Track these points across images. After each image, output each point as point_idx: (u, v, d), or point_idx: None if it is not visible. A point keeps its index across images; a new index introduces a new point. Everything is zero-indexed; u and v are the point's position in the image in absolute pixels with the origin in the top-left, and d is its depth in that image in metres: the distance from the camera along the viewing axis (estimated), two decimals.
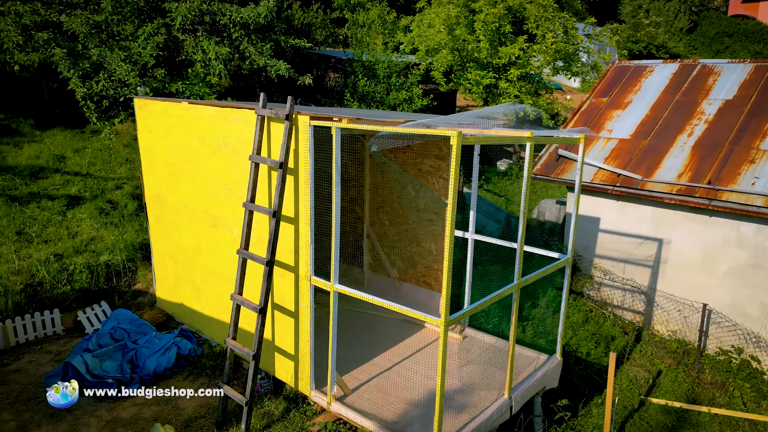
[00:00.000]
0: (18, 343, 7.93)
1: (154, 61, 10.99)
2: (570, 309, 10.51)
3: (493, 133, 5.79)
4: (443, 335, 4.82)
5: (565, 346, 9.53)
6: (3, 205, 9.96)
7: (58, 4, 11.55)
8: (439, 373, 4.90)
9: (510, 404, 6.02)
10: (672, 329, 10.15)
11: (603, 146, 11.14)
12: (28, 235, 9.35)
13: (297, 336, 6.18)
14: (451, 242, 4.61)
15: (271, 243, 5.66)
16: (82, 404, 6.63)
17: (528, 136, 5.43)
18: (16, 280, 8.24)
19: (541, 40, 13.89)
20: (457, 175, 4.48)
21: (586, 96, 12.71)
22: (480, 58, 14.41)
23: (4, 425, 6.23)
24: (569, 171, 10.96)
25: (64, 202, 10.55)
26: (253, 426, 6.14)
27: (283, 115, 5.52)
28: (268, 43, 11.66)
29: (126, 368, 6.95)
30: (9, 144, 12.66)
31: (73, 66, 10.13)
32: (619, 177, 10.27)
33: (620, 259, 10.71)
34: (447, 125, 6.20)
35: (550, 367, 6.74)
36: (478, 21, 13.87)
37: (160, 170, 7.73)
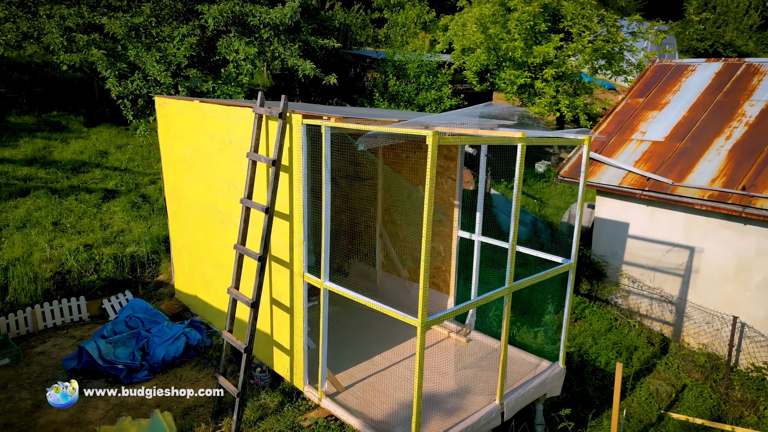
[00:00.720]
0: (46, 327, 8.41)
1: (188, 62, 11.39)
2: (593, 317, 10.17)
3: (486, 133, 5.68)
4: (420, 336, 4.78)
5: (583, 354, 9.23)
6: (44, 197, 10.58)
7: (102, 7, 12.17)
8: (416, 374, 4.86)
9: (501, 410, 5.89)
10: (702, 342, 9.64)
11: (635, 149, 10.70)
12: (63, 226, 9.89)
13: (292, 331, 6.27)
14: (428, 242, 4.55)
15: (263, 239, 5.77)
16: (93, 387, 6.96)
17: (520, 137, 5.29)
18: (47, 268, 8.75)
19: (577, 38, 13.46)
20: (434, 175, 4.42)
21: (622, 96, 12.24)
22: (515, 57, 14.12)
23: (21, 403, 6.63)
24: (597, 173, 10.60)
25: (101, 196, 11.10)
26: (247, 418, 6.27)
27: (276, 114, 5.61)
28: (297, 43, 11.86)
29: (137, 355, 7.25)
30: (57, 140, 13.43)
31: (110, 66, 10.64)
32: (649, 181, 9.84)
33: (649, 266, 10.26)
34: (448, 124, 6.13)
35: (550, 374, 6.54)
36: (512, 19, 13.60)
37: (176, 166, 8.01)
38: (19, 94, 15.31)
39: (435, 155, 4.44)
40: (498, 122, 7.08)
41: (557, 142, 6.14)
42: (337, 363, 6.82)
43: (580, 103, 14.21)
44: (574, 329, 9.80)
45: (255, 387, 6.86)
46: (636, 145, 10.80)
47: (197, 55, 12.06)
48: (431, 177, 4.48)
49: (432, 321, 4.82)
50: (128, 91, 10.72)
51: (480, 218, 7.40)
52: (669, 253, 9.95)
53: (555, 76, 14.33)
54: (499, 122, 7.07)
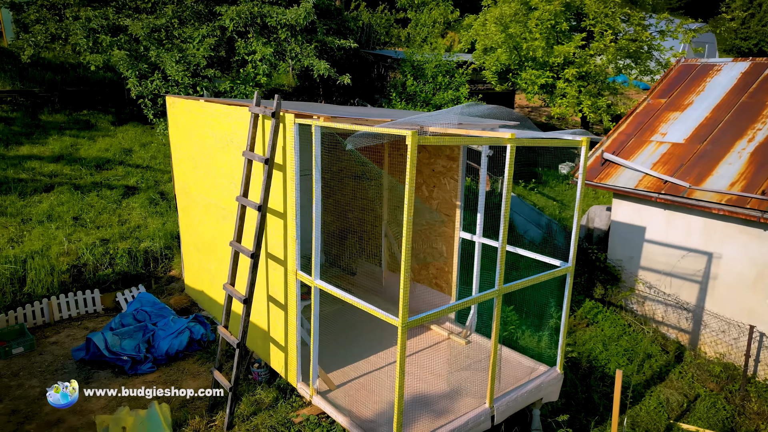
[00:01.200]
0: (62, 318, 8.72)
1: (206, 62, 11.63)
2: (605, 322, 9.94)
3: (475, 133, 5.62)
4: (401, 336, 4.77)
5: (593, 360, 9.04)
6: (67, 193, 10.97)
7: (128, 9, 12.53)
8: (397, 375, 4.86)
9: (491, 414, 5.82)
10: (720, 351, 9.31)
11: (654, 150, 10.42)
12: (83, 221, 10.24)
13: (286, 328, 6.33)
14: (408, 243, 4.53)
15: (256, 236, 5.85)
16: (99, 378, 7.19)
17: (509, 138, 5.22)
18: (64, 261, 9.07)
19: (599, 37, 13.15)
20: (413, 174, 4.40)
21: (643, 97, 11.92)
22: (536, 57, 13.91)
23: (30, 390, 6.89)
24: (614, 176, 10.36)
25: (121, 192, 11.44)
26: (241, 412, 6.37)
27: (270, 113, 5.68)
28: (313, 43, 11.97)
29: (142, 348, 7.44)
30: (85, 137, 13.90)
31: (131, 66, 10.96)
32: (666, 184, 9.57)
33: (666, 272, 9.97)
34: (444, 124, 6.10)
35: (546, 379, 6.43)
36: (532, 18, 13.40)
37: (185, 164, 8.20)
38: (52, 94, 15.91)
39: (414, 155, 4.42)
40: (500, 122, 7.01)
41: (552, 143, 6.02)
42: (333, 361, 6.85)
43: (603, 103, 13.88)
44: (584, 334, 9.61)
45: (252, 382, 6.97)
46: (655, 146, 10.51)
47: (216, 55, 12.29)
48: (411, 176, 4.47)
49: (413, 321, 4.81)
50: (148, 91, 11.02)
51: (480, 219, 7.32)
52: (686, 258, 9.65)
53: (578, 76, 14.05)
54: (501, 123, 6.99)
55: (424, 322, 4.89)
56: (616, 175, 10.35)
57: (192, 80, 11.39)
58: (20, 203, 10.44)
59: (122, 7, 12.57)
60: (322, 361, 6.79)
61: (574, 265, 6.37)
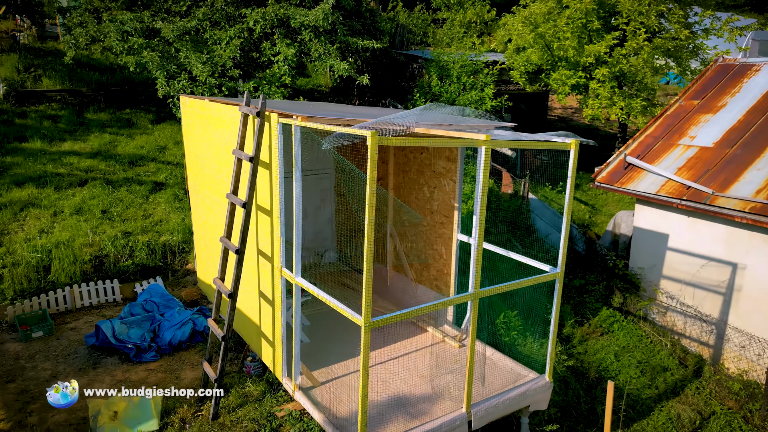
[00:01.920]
0: (83, 305, 9.20)
1: (232, 63, 11.97)
2: (621, 332, 9.58)
3: (444, 133, 5.55)
4: (364, 336, 4.79)
5: (602, 371, 8.73)
6: (99, 187, 11.56)
7: (163, 12, 13.06)
8: (361, 374, 4.88)
9: (468, 419, 5.74)
10: (743, 368, 8.81)
11: (680, 154, 9.96)
12: (111, 214, 10.76)
13: (273, 323, 6.46)
14: (370, 243, 4.55)
15: (241, 233, 6.01)
16: (106, 364, 7.56)
17: (483, 140, 5.13)
18: (87, 252, 9.57)
19: (631, 36, 12.64)
20: (374, 175, 4.42)
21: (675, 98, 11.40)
22: (568, 56, 13.53)
23: (42, 372, 7.32)
24: (636, 180, 9.97)
25: (150, 187, 11.95)
26: (229, 403, 6.55)
27: (255, 112, 5.82)
28: (335, 44, 12.10)
29: (147, 337, 7.76)
30: (124, 135, 14.59)
31: (160, 67, 11.43)
32: (689, 190, 9.13)
33: (689, 282, 9.52)
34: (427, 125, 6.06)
35: (533, 387, 6.27)
36: (562, 17, 13.04)
37: (194, 161, 8.49)
38: (98, 93, 16.78)
39: (375, 155, 4.44)
40: (497, 124, 6.89)
41: (534, 145, 5.86)
42: (322, 359, 6.94)
43: (638, 105, 13.33)
44: (597, 344, 9.29)
45: (245, 375, 7.14)
46: (682, 150, 10.04)
47: (244, 56, 12.62)
48: (372, 177, 4.48)
49: (376, 322, 4.82)
50: (174, 91, 11.45)
51: (477, 221, 7.21)
52: (709, 268, 9.17)
53: (611, 76, 13.56)
54: (498, 124, 6.88)
55: (388, 323, 4.89)
56: (638, 180, 9.96)
57: (218, 80, 11.75)
58: (55, 196, 11.08)
59: (158, 11, 13.11)
60: (314, 357, 6.90)
61: (563, 271, 6.17)
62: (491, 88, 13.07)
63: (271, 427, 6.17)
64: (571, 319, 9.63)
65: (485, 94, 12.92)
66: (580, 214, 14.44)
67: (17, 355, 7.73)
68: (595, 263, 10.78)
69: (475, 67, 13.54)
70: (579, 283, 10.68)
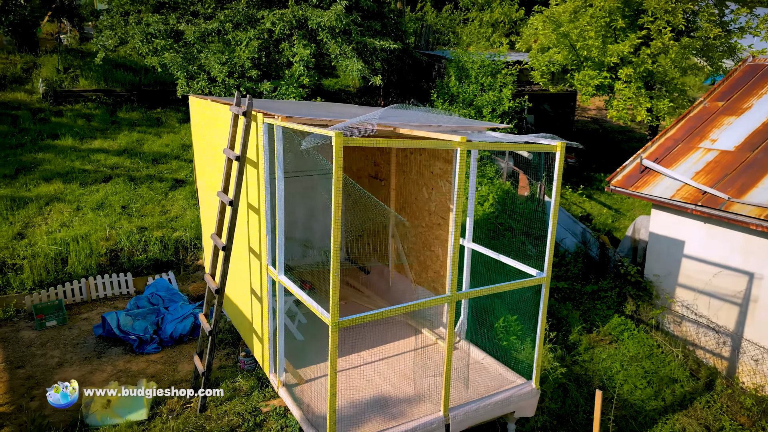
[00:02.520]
0: (98, 297, 9.57)
1: (251, 64, 12.21)
2: (631, 341, 9.28)
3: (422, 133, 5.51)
4: (332, 336, 4.82)
5: (606, 380, 8.48)
6: (122, 184, 12.00)
7: (189, 14, 13.43)
8: (330, 374, 4.91)
9: (445, 422, 5.69)
10: (758, 383, 8.41)
11: (699, 158, 9.58)
12: (130, 210, 11.15)
13: (261, 320, 6.57)
14: (337, 242, 4.57)
15: (228, 230, 6.13)
16: (110, 354, 7.84)
17: (459, 141, 5.08)
18: (103, 245, 9.94)
19: (656, 35, 12.19)
20: (339, 176, 4.44)
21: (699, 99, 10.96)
22: (592, 56, 13.20)
23: (50, 360, 7.66)
24: (651, 184, 9.65)
25: (170, 185, 12.31)
26: (217, 396, 6.70)
27: (241, 112, 5.93)
28: (350, 45, 12.17)
29: (150, 329, 8.02)
30: (151, 133, 15.08)
31: (181, 68, 11.76)
32: (704, 195, 8.78)
33: (705, 291, 9.15)
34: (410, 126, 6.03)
35: (517, 393, 6.16)
36: (585, 15, 12.73)
37: (200, 159, 8.71)
38: (131, 93, 17.41)
39: (340, 156, 4.46)
40: (490, 125, 6.80)
41: (514, 148, 5.74)
42: (312, 356, 7.00)
43: (664, 106, 12.87)
44: (604, 352, 9.03)
45: (238, 370, 7.28)
46: (702, 154, 9.65)
47: (263, 57, 12.85)
48: (337, 176, 4.50)
49: (344, 322, 4.84)
50: (193, 91, 11.76)
51: (470, 223, 7.15)
52: (726, 277, 8.79)
53: (638, 76, 13.15)
54: (491, 125, 6.79)
55: (356, 323, 4.90)
56: (653, 184, 9.63)
57: (237, 81, 12.01)
58: (79, 191, 11.57)
59: (185, 13, 13.49)
60: (305, 355, 6.97)
61: (549, 277, 6.03)
62: (510, 89, 12.86)
63: (255, 421, 6.28)
64: (578, 325, 9.40)
65: (503, 94, 12.73)
66: (602, 218, 14.06)
67: (30, 342, 8.11)
68: (609, 269, 10.48)
69: (494, 67, 13.36)
70: (591, 289, 10.40)
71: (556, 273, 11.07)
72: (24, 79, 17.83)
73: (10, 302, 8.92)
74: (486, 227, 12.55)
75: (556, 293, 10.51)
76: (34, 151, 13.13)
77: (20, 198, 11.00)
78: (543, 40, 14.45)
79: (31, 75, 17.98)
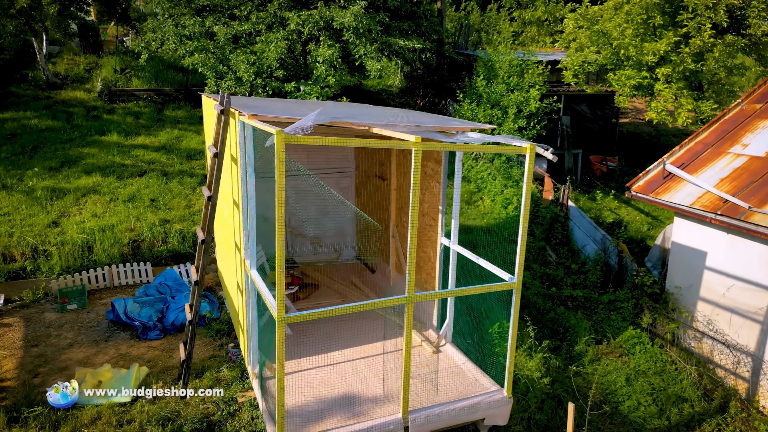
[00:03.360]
0: (120, 284, 10.13)
1: (278, 64, 12.51)
2: (642, 355, 8.82)
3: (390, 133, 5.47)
4: (278, 331, 4.91)
5: (609, 395, 8.10)
6: (155, 178, 12.64)
7: (225, 17, 13.95)
8: (277, 367, 5.00)
9: (404, 424, 5.64)
10: None
11: (727, 164, 8.98)
12: (158, 203, 11.73)
13: (243, 313, 6.76)
14: (281, 240, 4.66)
15: (207, 224, 6.35)
16: (117, 338, 8.30)
17: (414, 142, 5.02)
18: (127, 236, 10.51)
19: (695, 33, 11.45)
20: (282, 172, 4.52)
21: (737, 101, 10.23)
22: (629, 55, 12.60)
23: (62, 341, 8.20)
24: (672, 190, 9.14)
25: (199, 180, 12.84)
26: (200, 384, 6.95)
27: (219, 110, 6.13)
28: (374, 44, 12.21)
29: (154, 317, 8.42)
30: (192, 131, 15.77)
31: (211, 68, 12.24)
32: (726, 204, 8.21)
33: (725, 306, 8.56)
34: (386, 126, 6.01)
35: (486, 400, 6.01)
36: (620, 13, 12.16)
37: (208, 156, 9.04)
38: (179, 92, 18.26)
39: (282, 153, 4.53)
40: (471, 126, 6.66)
41: (481, 149, 5.57)
42: (297, 351, 7.12)
43: (707, 108, 12.08)
44: (610, 366, 8.61)
45: (225, 360, 7.52)
46: (730, 159, 9.01)
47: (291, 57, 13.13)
48: (280, 175, 4.58)
49: (290, 318, 4.92)
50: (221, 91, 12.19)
51: (455, 225, 7.03)
52: (748, 292, 8.18)
53: (680, 76, 12.42)
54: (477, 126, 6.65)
55: (301, 320, 4.96)
56: (674, 191, 9.09)
57: (264, 81, 12.35)
58: (115, 185, 12.28)
59: (222, 16, 14.01)
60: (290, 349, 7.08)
61: (521, 282, 5.84)
62: (539, 89, 12.48)
63: (229, 411, 6.47)
64: (586, 335, 9.02)
65: (530, 95, 12.37)
66: (636, 225, 13.39)
67: (50, 323, 8.71)
68: (626, 279, 9.98)
69: (525, 66, 13.00)
70: (608, 299, 9.95)
71: (575, 280, 10.67)
72: (86, 78, 19.12)
73: (40, 286, 9.60)
74: (507, 231, 12.26)
75: (570, 301, 10.13)
76: (82, 145, 14.06)
77: (60, 189, 11.83)
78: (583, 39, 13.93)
79: (92, 75, 19.25)
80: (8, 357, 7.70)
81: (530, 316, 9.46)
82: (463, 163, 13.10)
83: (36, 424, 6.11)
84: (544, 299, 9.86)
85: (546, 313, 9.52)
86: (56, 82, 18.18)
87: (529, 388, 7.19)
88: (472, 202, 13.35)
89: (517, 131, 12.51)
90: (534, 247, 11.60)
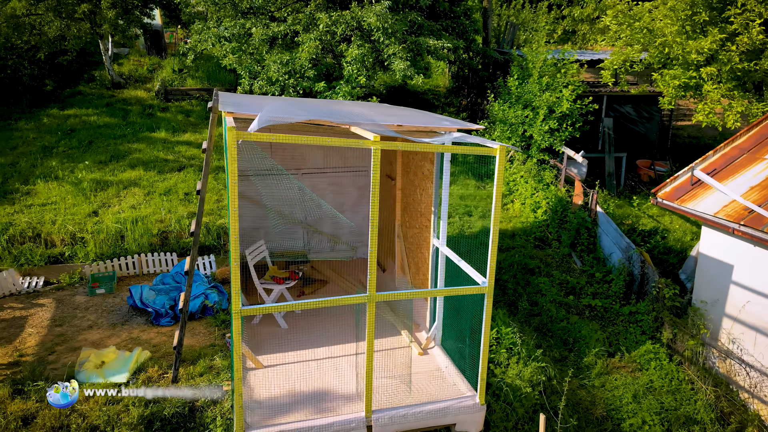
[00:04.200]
0: (148, 272, 10.72)
1: (310, 64, 12.78)
2: (657, 372, 8.33)
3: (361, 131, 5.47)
4: (234, 323, 5.07)
5: (613, 411, 7.72)
6: (192, 173, 13.26)
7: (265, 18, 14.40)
8: (234, 360, 5.16)
9: (368, 423, 5.65)
10: None
11: (760, 171, 8.34)
12: (190, 197, 12.30)
13: None
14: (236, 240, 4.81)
15: (197, 216, 6.63)
16: (132, 322, 8.79)
17: (373, 141, 5.02)
18: (156, 226, 11.10)
19: (741, 29, 10.58)
20: (234, 168, 4.66)
21: None
22: (675, 53, 11.86)
23: (84, 322, 8.79)
24: (698, 198, 8.58)
25: None
26: (190, 372, 7.26)
27: (209, 108, 6.38)
28: (400, 44, 12.20)
29: (167, 304, 8.86)
30: None
31: (245, 68, 12.68)
32: (751, 214, 7.62)
33: (751, 324, 7.94)
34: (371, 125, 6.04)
35: (455, 405, 5.90)
36: (662, 8, 11.46)
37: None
38: (228, 91, 19.02)
39: (233, 150, 4.68)
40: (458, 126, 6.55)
41: (441, 149, 5.44)
42: (286, 344, 7.30)
43: (758, 110, 11.15)
44: (620, 380, 8.18)
45: (221, 348, 7.81)
46: (764, 166, 8.33)
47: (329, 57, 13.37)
48: (232, 170, 4.73)
49: (246, 310, 5.06)
50: (252, 89, 12.62)
51: (444, 226, 6.94)
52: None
53: (731, 75, 11.55)
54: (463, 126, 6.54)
55: (257, 313, 5.09)
56: (700, 198, 8.51)
57: (295, 81, 12.65)
58: (155, 179, 12.99)
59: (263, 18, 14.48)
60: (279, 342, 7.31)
61: (493, 287, 5.69)
62: (573, 89, 12.00)
63: (213, 398, 6.72)
64: (597, 347, 8.62)
65: (563, 94, 11.92)
66: (678, 234, 12.59)
67: (78, 306, 9.36)
68: (648, 290, 9.44)
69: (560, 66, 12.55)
70: (628, 311, 9.45)
71: (596, 290, 10.20)
72: (147, 78, 20.31)
73: (76, 270, 10.33)
74: (534, 235, 11.91)
75: (588, 311, 9.71)
76: (132, 141, 14.97)
77: (105, 181, 12.66)
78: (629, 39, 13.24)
79: (154, 75, 20.42)
80: (33, 335, 8.35)
81: (541, 324, 9.17)
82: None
83: (36, 397, 6.61)
84: (557, 307, 9.50)
85: (557, 322, 9.18)
86: (120, 82, 19.43)
87: (515, 397, 6.96)
88: (502, 205, 13.06)
89: (548, 133, 12.09)
90: (558, 254, 11.20)
